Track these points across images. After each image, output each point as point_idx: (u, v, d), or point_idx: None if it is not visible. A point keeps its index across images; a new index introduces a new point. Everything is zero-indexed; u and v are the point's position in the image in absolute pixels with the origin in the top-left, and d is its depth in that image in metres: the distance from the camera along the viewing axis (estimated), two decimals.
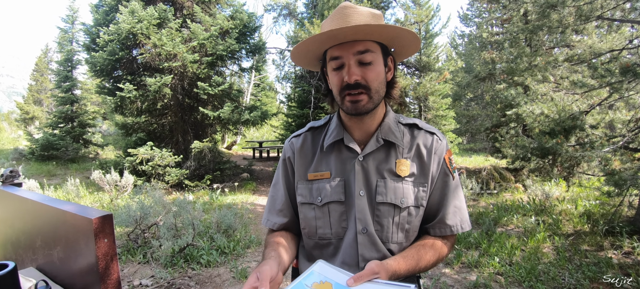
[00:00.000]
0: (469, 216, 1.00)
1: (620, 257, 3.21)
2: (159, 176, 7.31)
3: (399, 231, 0.94)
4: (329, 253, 0.99)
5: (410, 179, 0.94)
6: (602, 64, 4.02)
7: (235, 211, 4.64)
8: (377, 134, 0.95)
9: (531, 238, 3.79)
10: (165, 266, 3.41)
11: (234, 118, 7.78)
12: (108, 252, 1.24)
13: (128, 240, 3.81)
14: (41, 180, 6.75)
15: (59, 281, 1.40)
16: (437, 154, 0.95)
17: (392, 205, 0.93)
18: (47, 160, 10.27)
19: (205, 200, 6.33)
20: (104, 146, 12.60)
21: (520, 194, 5.73)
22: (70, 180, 6.22)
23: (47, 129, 11.39)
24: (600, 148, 3.91)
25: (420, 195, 0.94)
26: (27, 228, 1.50)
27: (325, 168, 0.99)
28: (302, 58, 0.98)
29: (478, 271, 3.25)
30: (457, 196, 0.97)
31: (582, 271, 3.01)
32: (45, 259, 1.44)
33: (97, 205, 5.78)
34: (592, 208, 4.32)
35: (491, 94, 9.42)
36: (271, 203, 1.07)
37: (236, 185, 7.81)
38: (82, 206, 1.32)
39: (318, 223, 0.98)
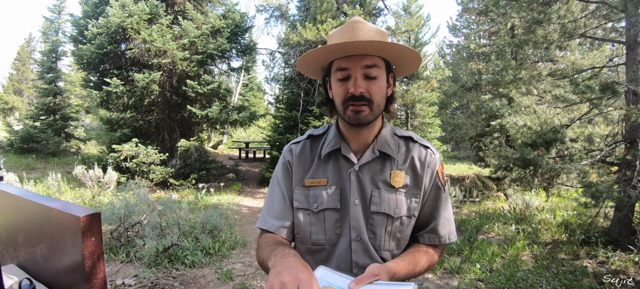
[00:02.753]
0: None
1: (595, 266, 3.34)
2: (143, 174, 7.17)
3: (391, 240, 0.98)
4: (321, 258, 1.01)
5: (403, 190, 0.97)
6: (583, 80, 4.19)
7: (220, 212, 4.60)
8: (374, 145, 0.99)
9: (511, 246, 3.90)
10: (149, 265, 3.36)
11: (222, 117, 7.72)
12: (95, 251, 1.22)
13: (111, 238, 3.73)
14: (20, 174, 6.53)
15: (41, 280, 1.37)
16: (430, 167, 0.99)
17: (385, 215, 0.96)
18: (26, 153, 9.95)
19: (190, 200, 6.25)
20: (87, 140, 12.28)
21: (501, 203, 5.88)
22: (51, 175, 6.04)
23: (27, 121, 11.04)
24: (579, 161, 4.06)
25: (413, 206, 0.98)
26: (8, 223, 1.46)
27: (322, 176, 1.01)
28: (308, 67, 1.01)
29: (460, 277, 3.32)
30: (446, 208, 1.01)
31: (559, 279, 3.12)
32: (27, 256, 1.41)
33: (79, 201, 5.63)
34: (570, 219, 4.48)
35: (476, 104, 9.64)
36: (269, 206, 1.06)
37: (222, 185, 7.74)
38: (69, 204, 1.30)
39: (312, 229, 1.00)
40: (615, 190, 3.39)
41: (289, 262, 0.72)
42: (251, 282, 3.20)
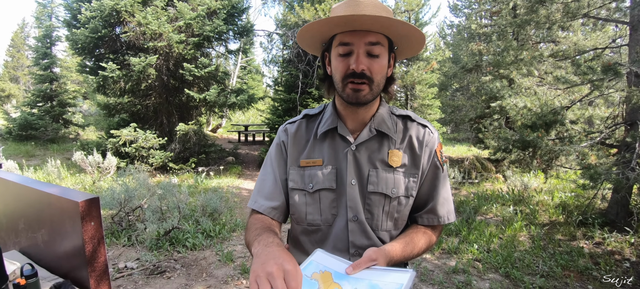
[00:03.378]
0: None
1: (591, 247, 3.39)
2: (142, 159, 7.17)
3: (389, 220, 0.97)
4: (317, 239, 1.00)
5: (401, 170, 0.96)
6: (585, 61, 4.14)
7: (220, 195, 4.62)
8: (371, 125, 0.97)
9: (509, 226, 3.94)
10: (151, 249, 3.39)
11: (220, 101, 7.66)
12: (95, 235, 1.23)
13: (112, 223, 3.76)
14: (20, 161, 6.52)
15: (44, 264, 1.38)
16: (428, 146, 0.97)
17: (383, 195, 0.95)
18: (25, 140, 9.93)
19: (190, 183, 6.27)
20: (85, 126, 12.22)
21: (500, 184, 5.92)
22: (51, 161, 6.03)
23: (25, 108, 10.96)
24: (579, 143, 4.06)
25: (411, 186, 0.96)
26: (8, 210, 1.46)
27: (317, 156, 0.99)
28: (308, 40, 0.98)
29: (457, 257, 3.37)
30: (445, 188, 1.00)
31: (555, 259, 3.17)
32: (28, 242, 1.42)
33: (79, 186, 5.64)
34: (568, 200, 4.52)
35: (477, 86, 9.57)
36: (261, 185, 1.05)
37: (221, 168, 7.76)
38: (67, 189, 1.29)
39: (308, 210, 0.99)
40: (613, 172, 3.40)
41: (273, 252, 0.71)
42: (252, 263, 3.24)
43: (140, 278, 2.91)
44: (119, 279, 2.88)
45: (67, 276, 1.32)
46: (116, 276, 2.90)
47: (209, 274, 3.04)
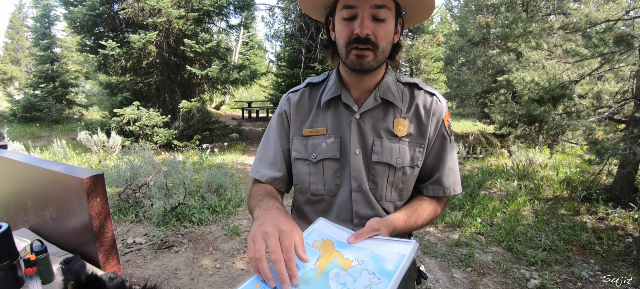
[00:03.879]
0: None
1: (595, 222, 3.40)
2: (147, 137, 7.20)
3: (393, 190, 0.96)
4: (320, 209, 1.00)
5: (407, 139, 0.94)
6: (596, 33, 4.00)
7: (225, 171, 4.66)
8: (376, 92, 0.93)
9: (512, 201, 3.95)
10: (158, 224, 3.46)
11: (222, 77, 7.59)
12: (101, 211, 1.24)
13: (119, 200, 3.82)
14: (26, 142, 6.57)
15: (53, 241, 1.40)
16: (435, 115, 0.94)
17: (387, 165, 0.93)
18: (30, 122, 9.98)
19: (194, 160, 6.32)
20: (89, 106, 12.25)
21: (505, 159, 5.89)
22: (56, 142, 6.08)
23: (27, 90, 10.96)
24: (586, 117, 3.99)
25: (416, 156, 0.94)
26: (16, 189, 1.48)
27: (321, 125, 0.97)
28: (311, 3, 0.94)
29: (460, 230, 3.40)
30: (452, 159, 0.98)
31: (558, 233, 3.19)
32: (37, 220, 1.44)
33: (86, 165, 5.71)
34: (572, 176, 4.50)
35: (483, 60, 9.36)
36: (262, 155, 1.04)
37: (225, 145, 7.79)
38: (72, 167, 1.29)
39: (311, 179, 0.98)
40: (621, 147, 3.36)
41: (271, 214, 0.72)
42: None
43: (149, 253, 2.98)
44: (128, 254, 2.95)
45: (76, 251, 1.34)
46: (125, 251, 2.98)
47: (216, 248, 3.11)
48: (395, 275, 0.62)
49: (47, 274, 1.15)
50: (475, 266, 2.78)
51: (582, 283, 2.49)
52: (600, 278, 2.54)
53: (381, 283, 0.61)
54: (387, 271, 0.64)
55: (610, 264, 2.69)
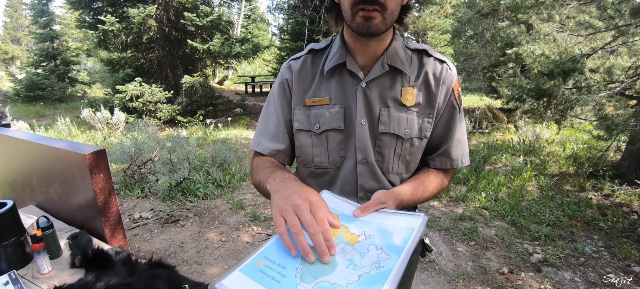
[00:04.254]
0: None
1: (600, 198, 3.38)
2: (150, 113, 7.18)
3: (400, 163, 0.92)
4: (324, 182, 0.97)
5: (415, 109, 0.89)
6: (612, 5, 3.83)
7: (229, 146, 4.67)
8: (383, 59, 0.88)
9: (518, 176, 3.94)
10: (164, 199, 3.50)
11: (224, 51, 7.46)
12: (105, 186, 1.24)
13: (125, 176, 3.85)
14: (30, 122, 6.59)
15: (60, 217, 1.41)
16: (445, 84, 0.89)
17: (394, 136, 0.89)
18: (34, 101, 9.99)
19: (198, 136, 6.32)
20: (91, 84, 12.20)
21: (511, 134, 5.83)
22: (60, 120, 6.08)
23: (29, 69, 10.90)
24: (597, 92, 3.89)
25: (425, 126, 0.90)
26: (21, 167, 1.48)
27: (324, 94, 0.92)
28: None
29: (465, 205, 3.41)
30: (460, 130, 0.93)
31: (563, 209, 3.18)
32: (43, 196, 1.44)
33: (91, 143, 5.73)
34: (579, 152, 4.45)
35: (492, 32, 9.08)
36: (264, 126, 0.99)
37: (229, 120, 7.77)
38: (75, 143, 1.28)
39: (315, 151, 0.94)
40: (631, 123, 3.28)
41: (293, 186, 0.69)
42: (262, 211, 3.33)
43: (156, 227, 3.03)
44: (135, 228, 3.00)
45: (83, 226, 1.35)
46: (132, 226, 3.03)
47: (221, 221, 3.15)
48: (405, 250, 0.59)
49: (55, 249, 1.16)
50: (478, 240, 2.79)
51: (585, 258, 2.51)
52: (603, 254, 2.55)
53: (390, 258, 0.58)
54: (396, 246, 0.61)
55: (614, 240, 2.70)
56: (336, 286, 0.54)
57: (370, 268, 0.57)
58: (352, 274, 0.56)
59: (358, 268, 0.57)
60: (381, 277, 0.55)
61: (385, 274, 0.55)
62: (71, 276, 1.07)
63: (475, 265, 2.49)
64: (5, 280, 0.97)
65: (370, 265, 0.57)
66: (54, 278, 1.06)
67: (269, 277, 0.56)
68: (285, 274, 0.56)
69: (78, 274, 1.07)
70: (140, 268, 1.07)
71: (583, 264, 2.44)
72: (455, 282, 2.31)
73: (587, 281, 2.27)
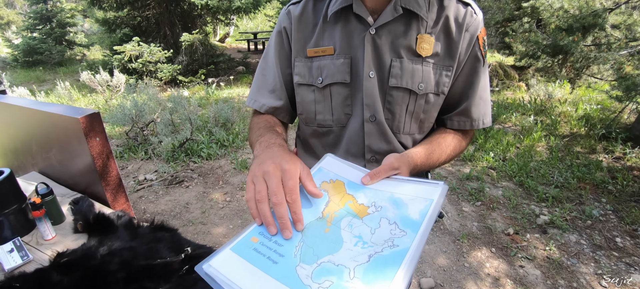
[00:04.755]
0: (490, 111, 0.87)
1: (611, 161, 3.31)
2: (151, 74, 7.04)
3: (413, 121, 0.83)
4: (328, 142, 0.89)
5: (432, 60, 0.78)
6: None
7: (232, 105, 4.59)
8: (395, 1, 0.76)
9: (527, 136, 3.85)
10: (167, 160, 3.49)
11: (223, 5, 7.15)
12: (102, 150, 1.19)
13: (128, 139, 3.82)
14: (31, 87, 6.48)
15: (62, 182, 1.39)
16: (469, 31, 0.77)
17: (407, 91, 0.79)
18: (33, 66, 9.81)
19: (201, 95, 6.23)
20: (90, 46, 11.92)
21: (522, 93, 5.66)
22: (60, 84, 5.97)
23: (25, 33, 10.60)
24: (617, 50, 3.69)
25: (443, 81, 0.79)
26: (20, 134, 1.45)
27: (328, 43, 0.82)
28: None
29: (472, 164, 3.37)
30: (483, 86, 0.83)
31: (572, 171, 3.13)
32: (44, 162, 1.42)
33: (93, 106, 5.66)
34: (592, 113, 4.30)
35: None
36: (261, 81, 0.90)
37: (231, 78, 7.62)
38: (69, 107, 1.23)
39: (317, 108, 0.85)
40: None
41: (273, 152, 0.64)
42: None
43: (160, 188, 3.04)
44: (141, 190, 3.02)
45: (85, 191, 1.33)
46: (137, 188, 3.04)
47: (225, 181, 3.15)
48: (423, 226, 0.51)
49: (57, 215, 1.15)
50: (485, 200, 2.78)
51: (591, 221, 2.49)
52: (610, 218, 2.52)
53: (405, 235, 0.50)
54: (412, 221, 0.53)
55: (622, 204, 2.66)
56: (342, 269, 0.46)
57: (383, 247, 0.49)
58: (360, 254, 0.48)
59: (368, 247, 0.49)
60: (395, 258, 0.47)
61: (400, 255, 0.47)
62: (74, 241, 1.07)
63: (481, 225, 2.49)
64: (10, 247, 0.98)
65: (382, 243, 0.50)
66: (57, 243, 1.07)
67: (264, 257, 0.49)
68: (282, 252, 0.49)
69: (81, 239, 1.07)
70: (143, 231, 1.06)
71: (590, 227, 2.43)
72: (460, 242, 2.32)
73: (592, 244, 2.27)
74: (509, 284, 1.97)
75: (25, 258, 0.95)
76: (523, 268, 2.09)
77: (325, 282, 0.44)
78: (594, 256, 2.17)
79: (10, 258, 0.95)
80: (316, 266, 0.47)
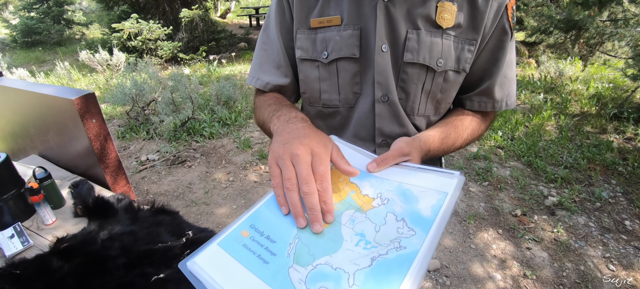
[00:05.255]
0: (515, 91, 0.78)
1: (621, 142, 3.23)
2: (151, 52, 6.91)
3: (429, 102, 0.75)
4: (335, 124, 0.82)
5: (453, 32, 0.69)
6: None
7: (234, 83, 4.52)
8: None
9: (537, 115, 3.76)
10: (170, 140, 3.46)
11: None
12: (100, 132, 1.15)
13: (129, 119, 3.77)
14: (31, 68, 6.38)
15: (62, 165, 1.37)
16: (497, 0, 0.68)
17: (424, 67, 0.70)
18: (32, 47, 9.66)
19: (202, 73, 6.13)
20: (88, 24, 11.72)
21: (531, 70, 5.51)
22: (60, 64, 5.87)
23: (22, 13, 10.37)
24: (635, 26, 3.53)
25: (465, 56, 0.70)
26: (17, 117, 1.41)
27: (334, 12, 0.72)
28: None
29: (479, 143, 3.31)
30: (510, 63, 0.74)
31: (582, 151, 3.06)
32: (43, 145, 1.39)
33: (93, 86, 5.58)
34: (604, 91, 4.18)
35: None
36: (263, 56, 0.81)
37: (233, 55, 7.49)
38: (63, 88, 1.18)
39: (322, 86, 0.77)
40: None
41: (298, 129, 0.56)
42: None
43: (163, 169, 3.02)
44: (143, 171, 3.00)
45: (85, 174, 1.30)
46: (140, 169, 3.02)
47: (228, 161, 3.12)
48: (435, 225, 0.45)
49: (57, 199, 1.12)
50: (492, 180, 2.74)
51: (601, 203, 2.45)
52: (619, 200, 2.48)
53: (414, 235, 0.44)
54: (423, 218, 0.46)
55: (632, 186, 2.61)
56: (340, 274, 0.41)
57: (388, 249, 0.43)
58: (362, 256, 0.42)
59: (371, 248, 0.44)
60: (402, 264, 0.41)
61: (407, 259, 0.41)
62: (75, 226, 1.04)
63: (488, 206, 2.46)
64: (10, 233, 0.96)
65: (387, 244, 0.44)
66: (58, 228, 1.05)
67: (254, 254, 0.44)
68: (274, 250, 0.44)
69: (82, 223, 1.05)
70: (143, 214, 1.03)
71: (598, 209, 2.39)
72: (467, 223, 2.30)
73: (601, 227, 2.23)
74: (515, 266, 1.96)
75: (25, 244, 0.94)
76: (530, 250, 2.07)
77: (321, 288, 0.39)
78: (602, 239, 2.14)
79: (11, 243, 0.94)
80: (311, 269, 0.42)
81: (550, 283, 1.85)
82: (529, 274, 1.90)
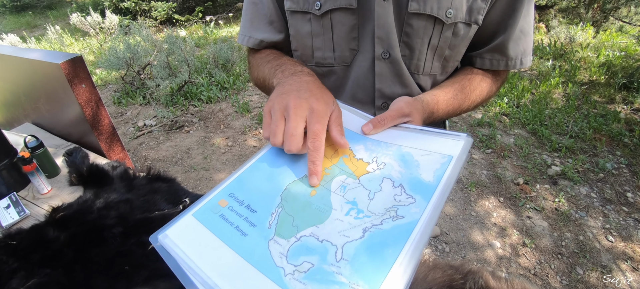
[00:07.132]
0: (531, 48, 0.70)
1: (629, 113, 3.16)
2: (145, 13, 6.63)
3: (435, 59, 0.66)
4: (330, 85, 0.73)
5: None
6: None
7: (232, 45, 4.37)
8: None
9: (544, 82, 3.67)
10: (166, 105, 3.38)
11: None
12: (90, 98, 1.10)
13: (124, 83, 3.67)
14: (22, 34, 6.12)
15: (56, 133, 1.34)
16: None
17: (431, 19, 0.61)
18: (22, 11, 9.24)
19: (199, 35, 5.92)
20: None
21: (541, 35, 5.31)
22: (51, 29, 5.61)
23: None
24: None
25: (478, 6, 0.61)
26: (7, 85, 1.36)
27: None
28: None
29: (484, 110, 3.25)
30: (527, 16, 0.64)
31: (588, 120, 3.00)
32: (35, 113, 1.35)
33: (87, 51, 5.39)
34: (614, 60, 4.04)
35: None
36: (252, 11, 0.71)
37: (231, 16, 7.21)
38: (49, 52, 1.11)
39: (315, 42, 0.68)
40: None
41: (301, 82, 0.50)
42: None
43: (161, 134, 2.98)
44: (141, 137, 2.95)
45: (79, 142, 1.27)
46: (137, 134, 2.97)
47: (227, 125, 3.08)
48: (438, 192, 0.40)
49: (51, 168, 1.09)
50: (495, 147, 2.71)
51: (604, 174, 2.42)
52: (623, 172, 2.45)
53: (413, 203, 0.39)
54: (424, 184, 0.41)
55: (637, 158, 2.57)
56: (327, 247, 0.36)
57: (382, 219, 0.38)
58: (353, 227, 0.38)
59: (363, 217, 0.38)
60: (399, 235, 0.36)
61: (405, 230, 0.36)
62: (71, 195, 1.03)
63: (490, 174, 2.44)
64: (6, 203, 0.95)
65: (382, 213, 0.39)
66: (54, 197, 1.03)
67: (232, 225, 0.40)
68: (254, 221, 0.40)
69: (78, 191, 1.03)
70: (139, 182, 1.00)
71: (601, 180, 2.37)
72: (468, 190, 2.29)
73: (602, 198, 2.23)
74: (515, 235, 1.97)
75: (22, 214, 0.93)
76: (530, 219, 2.08)
77: (304, 264, 0.35)
78: (603, 210, 2.14)
79: (7, 214, 0.93)
80: (294, 242, 0.37)
81: (548, 251, 1.87)
82: (528, 243, 1.91)
